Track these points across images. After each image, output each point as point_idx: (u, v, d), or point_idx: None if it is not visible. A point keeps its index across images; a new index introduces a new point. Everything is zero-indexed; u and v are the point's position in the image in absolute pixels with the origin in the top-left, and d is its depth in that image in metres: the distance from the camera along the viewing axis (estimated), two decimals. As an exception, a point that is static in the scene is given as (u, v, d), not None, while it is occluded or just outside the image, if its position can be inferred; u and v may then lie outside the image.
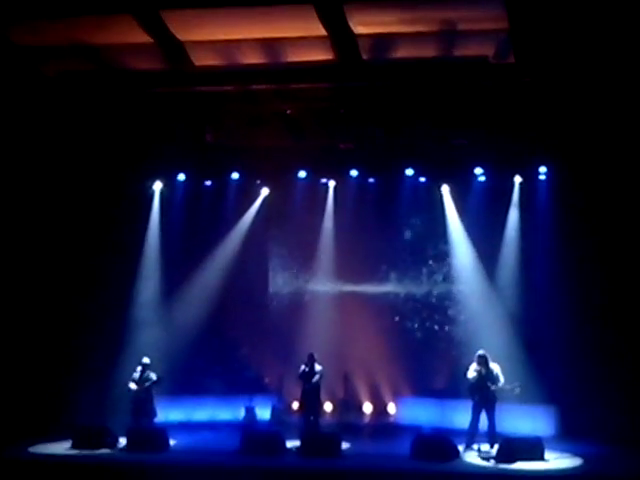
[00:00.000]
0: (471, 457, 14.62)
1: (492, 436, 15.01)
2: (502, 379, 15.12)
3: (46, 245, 17.67)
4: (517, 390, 15.22)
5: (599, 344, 16.47)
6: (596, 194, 16.82)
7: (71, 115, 15.68)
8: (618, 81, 13.61)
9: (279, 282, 20.12)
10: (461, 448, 14.79)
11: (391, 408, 18.83)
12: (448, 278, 19.80)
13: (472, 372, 15.23)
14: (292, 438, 15.65)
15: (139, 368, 16.57)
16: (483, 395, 15.11)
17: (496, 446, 14.61)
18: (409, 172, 19.06)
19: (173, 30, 13.51)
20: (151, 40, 13.72)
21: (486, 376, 15.10)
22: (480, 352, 15.40)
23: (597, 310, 16.61)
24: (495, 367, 15.24)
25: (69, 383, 17.48)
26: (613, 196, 16.62)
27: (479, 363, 15.22)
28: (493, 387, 15.05)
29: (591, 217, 16.93)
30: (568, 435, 16.16)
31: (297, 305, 19.67)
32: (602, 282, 16.73)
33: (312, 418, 16.53)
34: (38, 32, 13.54)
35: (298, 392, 16.92)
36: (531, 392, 16.36)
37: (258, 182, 19.92)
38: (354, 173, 19.42)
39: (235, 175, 19.62)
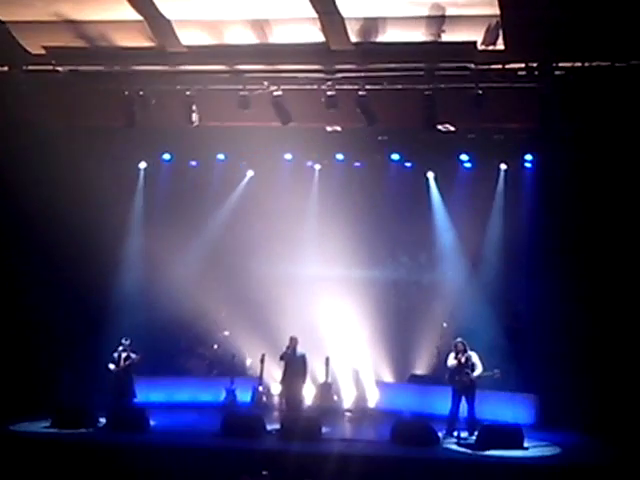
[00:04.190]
0: (450, 443, 14.67)
1: (472, 423, 15.12)
2: (479, 367, 15.24)
3: (28, 225, 17.48)
4: (497, 376, 15.32)
5: (580, 334, 16.53)
6: (581, 181, 16.84)
7: (57, 92, 15.48)
8: (607, 67, 13.59)
9: (262, 264, 20.01)
10: (441, 434, 14.84)
11: (372, 393, 18.81)
12: (431, 264, 19.78)
13: (451, 360, 15.37)
14: (272, 421, 15.68)
15: (119, 348, 16.55)
16: (462, 382, 15.21)
17: (476, 433, 14.68)
18: (395, 157, 19.08)
19: (161, 7, 13.38)
20: (139, 17, 13.59)
21: (465, 364, 15.20)
22: (458, 339, 15.55)
23: (580, 299, 16.66)
24: (473, 355, 15.34)
25: (49, 362, 17.38)
26: (598, 183, 16.64)
27: (458, 351, 15.32)
28: (472, 375, 15.13)
29: (576, 204, 16.95)
30: (547, 424, 16.25)
31: (280, 288, 19.59)
32: (586, 271, 16.78)
33: (293, 401, 16.51)
34: (22, 7, 13.39)
35: (279, 375, 16.91)
36: (511, 380, 16.46)
37: (243, 163, 19.87)
38: (340, 157, 19.41)
39: (221, 156, 19.55)
